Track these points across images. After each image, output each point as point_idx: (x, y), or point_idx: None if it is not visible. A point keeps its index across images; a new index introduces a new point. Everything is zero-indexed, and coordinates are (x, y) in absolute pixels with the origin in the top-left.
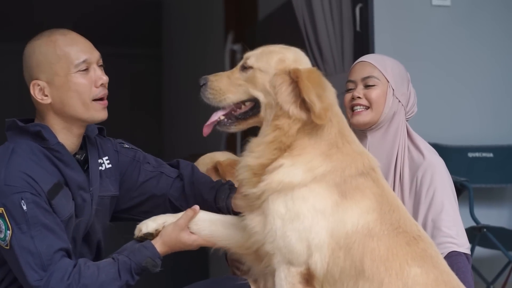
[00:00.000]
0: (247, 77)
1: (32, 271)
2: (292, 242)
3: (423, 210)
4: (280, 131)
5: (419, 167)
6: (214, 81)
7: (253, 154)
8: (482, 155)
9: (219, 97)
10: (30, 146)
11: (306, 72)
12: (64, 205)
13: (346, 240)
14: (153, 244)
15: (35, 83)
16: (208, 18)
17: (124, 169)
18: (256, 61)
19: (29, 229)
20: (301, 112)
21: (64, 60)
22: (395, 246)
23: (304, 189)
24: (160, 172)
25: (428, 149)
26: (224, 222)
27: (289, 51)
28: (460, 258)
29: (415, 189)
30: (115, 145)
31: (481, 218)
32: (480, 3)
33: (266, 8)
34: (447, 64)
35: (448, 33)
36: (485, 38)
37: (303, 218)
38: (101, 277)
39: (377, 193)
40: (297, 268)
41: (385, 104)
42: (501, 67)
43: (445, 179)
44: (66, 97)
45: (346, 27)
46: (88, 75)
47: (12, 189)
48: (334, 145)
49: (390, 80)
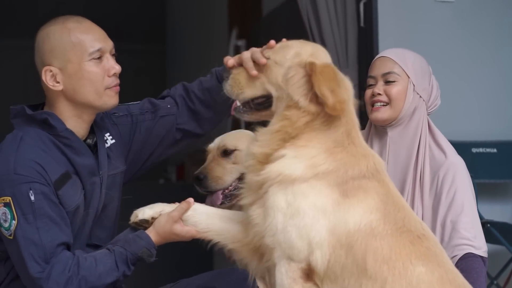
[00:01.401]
0: (263, 70)
1: (34, 262)
2: (292, 238)
3: (442, 211)
4: (288, 121)
5: (441, 166)
6: (235, 74)
7: (257, 143)
8: (485, 150)
9: (236, 91)
10: (39, 134)
11: (321, 66)
12: (71, 196)
13: (348, 238)
14: (147, 234)
15: (47, 69)
16: (212, 13)
17: (126, 138)
18: (273, 54)
19: (35, 220)
20: (310, 104)
21: (79, 47)
22: (398, 245)
23: (304, 185)
24: (160, 116)
25: (450, 148)
26: (221, 216)
27: (307, 46)
28: (475, 260)
29: (435, 188)
30: (110, 118)
31: (484, 214)
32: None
33: (271, 3)
34: (451, 59)
35: (452, 29)
36: (489, 34)
37: (303, 215)
38: (99, 268)
39: (381, 193)
40: (298, 264)
41: (405, 100)
42: (505, 62)
43: (466, 180)
44: (78, 85)
45: (350, 23)
46: (101, 64)
47: (21, 178)
48: (339, 144)
49: (410, 75)
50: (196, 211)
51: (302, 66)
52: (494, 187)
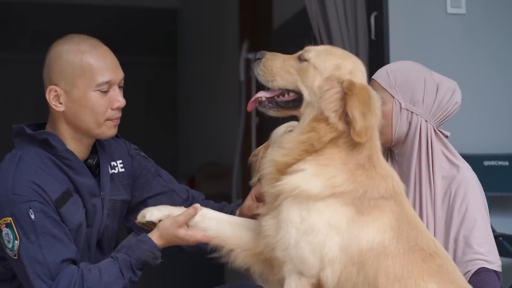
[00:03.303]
0: (299, 68)
1: (39, 280)
2: (305, 254)
3: (455, 226)
4: (315, 134)
5: (453, 180)
6: (269, 60)
7: (281, 151)
8: (497, 163)
9: (268, 77)
10: (38, 154)
11: (359, 87)
12: (73, 214)
13: (360, 256)
14: (149, 237)
15: (52, 88)
16: (223, 26)
17: (137, 175)
18: (314, 57)
19: (37, 239)
20: (339, 122)
21: (88, 74)
22: (410, 264)
23: (320, 203)
24: (172, 190)
25: (462, 162)
26: (231, 222)
27: (348, 60)
28: (489, 274)
29: (447, 202)
30: (130, 149)
31: (497, 227)
32: (495, 11)
33: (281, 16)
34: (462, 72)
35: (464, 41)
36: (501, 46)
37: (317, 232)
38: (104, 278)
39: (396, 212)
40: (308, 279)
41: (393, 120)
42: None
43: (478, 194)
44: (80, 111)
45: (361, 36)
46: (107, 96)
47: (20, 198)
48: (360, 167)
49: (394, 95)
50: (205, 217)
51: (340, 82)
52: (507, 200)
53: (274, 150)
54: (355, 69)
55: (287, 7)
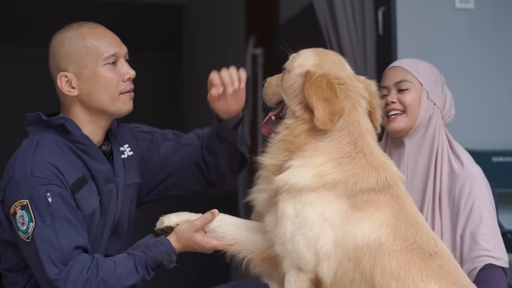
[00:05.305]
0: (282, 78)
1: (51, 264)
2: (300, 248)
3: (461, 222)
4: (288, 130)
5: (458, 177)
6: (268, 81)
7: (267, 154)
8: (506, 159)
9: (267, 97)
10: (54, 139)
11: (316, 75)
12: (87, 200)
13: (356, 252)
14: (168, 239)
15: (62, 75)
16: (229, 22)
17: (144, 153)
18: (288, 62)
19: (53, 222)
20: (305, 113)
21: (94, 52)
22: (408, 263)
23: (313, 195)
24: (182, 144)
25: (467, 158)
26: (248, 227)
27: (313, 55)
28: (495, 270)
29: (453, 199)
30: (132, 130)
31: (505, 223)
32: (504, 7)
33: (288, 12)
34: (471, 67)
35: (472, 36)
36: (509, 41)
37: (311, 225)
38: (119, 270)
39: (394, 208)
40: (307, 274)
41: (420, 107)
42: None
43: (484, 190)
44: (93, 90)
45: (368, 31)
46: (116, 69)
47: (39, 180)
48: (346, 154)
49: (423, 83)
50: (222, 222)
51: (302, 75)
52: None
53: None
54: (324, 61)
55: (294, 2)
